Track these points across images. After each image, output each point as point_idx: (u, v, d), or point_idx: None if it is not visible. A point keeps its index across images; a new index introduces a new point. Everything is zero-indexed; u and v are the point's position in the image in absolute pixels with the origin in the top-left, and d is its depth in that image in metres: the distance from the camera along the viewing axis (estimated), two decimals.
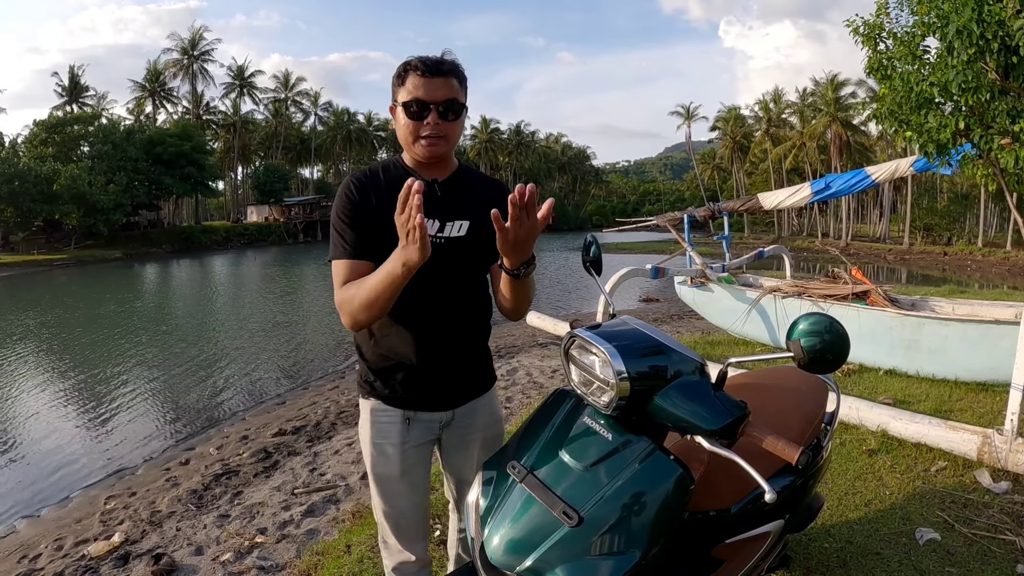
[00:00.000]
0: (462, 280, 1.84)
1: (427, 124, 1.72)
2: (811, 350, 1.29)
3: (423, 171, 1.81)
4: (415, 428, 1.87)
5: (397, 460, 1.87)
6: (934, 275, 29.43)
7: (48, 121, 47.43)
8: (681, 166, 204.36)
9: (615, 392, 1.40)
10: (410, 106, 1.71)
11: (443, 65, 1.72)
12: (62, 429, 7.90)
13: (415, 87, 1.70)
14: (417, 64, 1.71)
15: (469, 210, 1.82)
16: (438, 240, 1.77)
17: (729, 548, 1.81)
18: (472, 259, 1.83)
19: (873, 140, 50.06)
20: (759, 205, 9.04)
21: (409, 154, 1.83)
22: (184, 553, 4.04)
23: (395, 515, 1.92)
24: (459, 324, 1.85)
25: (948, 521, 3.07)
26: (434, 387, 1.86)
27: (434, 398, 1.87)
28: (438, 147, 1.75)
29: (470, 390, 1.93)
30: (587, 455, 1.44)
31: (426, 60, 1.72)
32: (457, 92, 1.74)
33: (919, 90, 4.44)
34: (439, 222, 1.78)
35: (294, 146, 72.28)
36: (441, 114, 1.72)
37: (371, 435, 1.89)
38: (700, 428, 1.37)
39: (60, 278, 29.80)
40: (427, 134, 1.73)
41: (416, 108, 1.71)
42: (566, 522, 1.34)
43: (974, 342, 5.53)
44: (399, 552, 1.95)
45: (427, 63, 1.71)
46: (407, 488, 1.90)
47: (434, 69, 1.70)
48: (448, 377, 1.87)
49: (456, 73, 1.74)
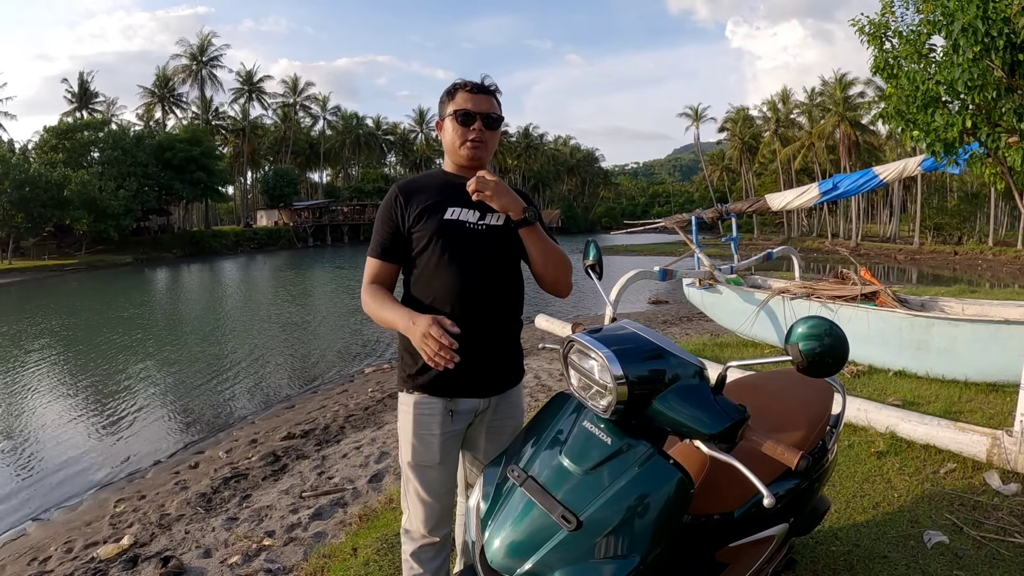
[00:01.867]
0: (502, 265, 2.04)
1: (473, 130, 2.02)
2: (810, 354, 1.29)
3: (465, 174, 2.04)
4: (457, 418, 2.02)
5: (437, 449, 2.01)
6: (944, 275, 29.22)
7: (58, 127, 47.82)
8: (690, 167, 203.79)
9: (613, 396, 1.40)
10: (459, 115, 2.01)
11: (488, 85, 2.07)
12: (74, 432, 7.96)
13: (464, 100, 2.03)
14: (466, 83, 2.05)
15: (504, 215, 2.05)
16: (480, 227, 2.02)
17: (733, 551, 1.80)
18: (509, 244, 2.04)
19: (882, 140, 49.75)
20: (767, 206, 9.00)
21: (453, 160, 2.10)
22: (192, 556, 4.06)
23: (431, 500, 2.05)
24: (498, 311, 2.03)
25: (957, 523, 3.05)
26: (476, 373, 1.99)
27: (475, 384, 2.02)
28: (480, 150, 2.05)
29: (506, 379, 2.10)
30: (586, 459, 1.44)
31: (472, 82, 2.06)
32: (497, 108, 2.08)
33: (925, 88, 4.40)
34: (479, 212, 2.02)
35: (303, 150, 72.55)
36: (485, 123, 2.03)
37: (413, 427, 2.03)
38: (699, 432, 1.37)
39: (71, 283, 30.00)
40: (472, 138, 2.02)
41: (464, 117, 2.01)
42: (564, 526, 1.34)
43: (984, 342, 5.49)
44: (422, 537, 2.08)
45: (474, 83, 2.05)
46: (443, 475, 2.05)
47: (480, 87, 2.05)
48: (488, 364, 2.02)
49: (496, 91, 2.10)
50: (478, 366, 1.98)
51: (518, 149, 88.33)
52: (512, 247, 2.05)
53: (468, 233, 1.99)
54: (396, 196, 2.04)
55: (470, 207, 2.01)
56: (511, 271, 2.07)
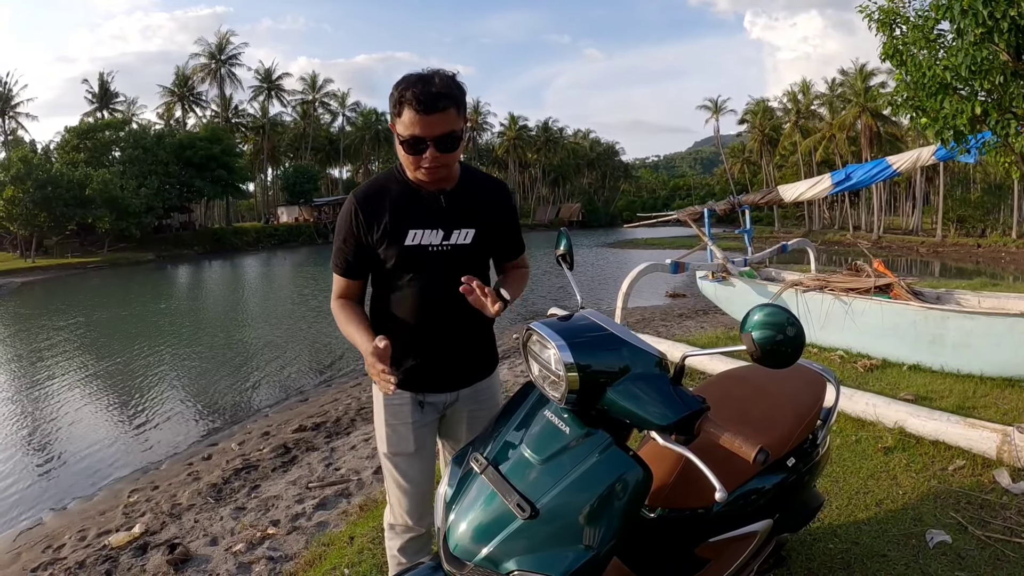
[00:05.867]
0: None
1: (425, 159, 1.74)
2: (765, 343, 1.25)
3: (426, 187, 1.86)
4: (426, 409, 2.02)
5: (411, 438, 2.01)
6: (967, 268, 28.69)
7: (79, 127, 48.50)
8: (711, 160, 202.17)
9: (566, 385, 1.39)
10: (407, 142, 1.72)
11: (439, 101, 1.67)
12: (93, 425, 8.10)
13: (411, 123, 1.68)
14: (411, 99, 1.66)
15: (474, 218, 1.92)
16: (444, 248, 1.88)
17: (714, 547, 1.78)
18: (475, 263, 1.96)
19: (904, 130, 48.91)
20: (779, 198, 8.90)
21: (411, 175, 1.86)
22: (199, 543, 4.17)
23: (411, 488, 2.03)
24: (462, 318, 1.93)
25: (962, 523, 2.97)
26: (440, 373, 2.00)
27: (441, 382, 2.01)
28: (438, 174, 1.80)
29: (474, 373, 2.07)
30: (545, 448, 1.44)
31: (420, 95, 1.66)
32: (455, 122, 1.72)
33: (932, 75, 4.29)
34: (443, 231, 1.87)
35: (323, 147, 72.94)
36: (439, 148, 1.72)
37: (385, 416, 2.03)
38: (653, 423, 1.35)
39: (93, 280, 30.46)
40: (426, 167, 1.76)
41: (413, 143, 1.72)
42: (519, 514, 1.34)
43: (1000, 336, 5.36)
44: (406, 530, 2.06)
45: (422, 99, 1.65)
46: (420, 462, 2.05)
47: (430, 106, 1.66)
48: (452, 364, 2.01)
49: (452, 100, 1.70)
50: (444, 363, 1.99)
51: (538, 143, 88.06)
52: (478, 261, 1.97)
53: (430, 256, 1.88)
54: (355, 211, 1.88)
55: (432, 226, 1.87)
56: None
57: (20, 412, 8.81)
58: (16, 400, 9.40)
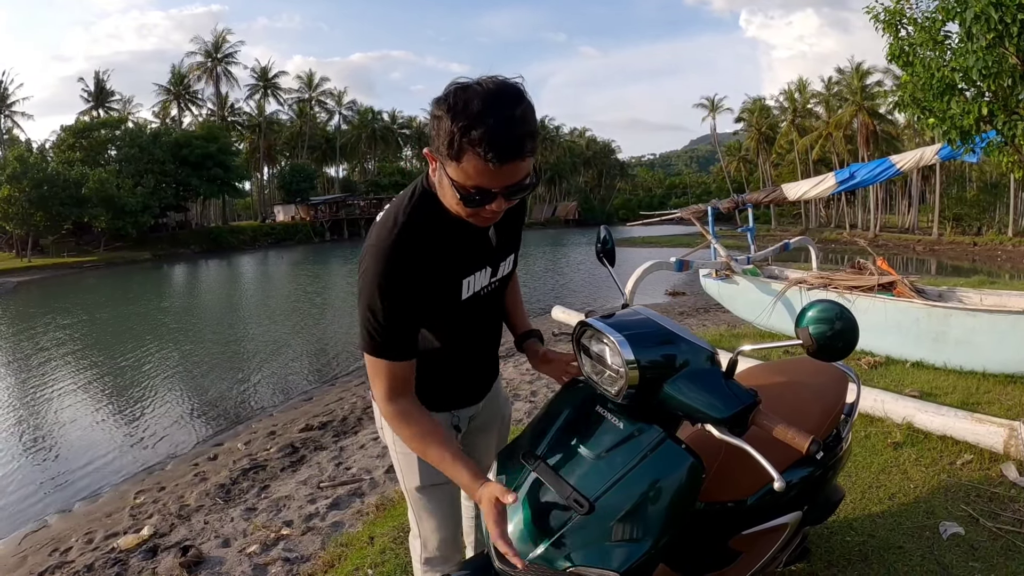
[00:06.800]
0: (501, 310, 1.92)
1: (489, 209, 1.36)
2: (821, 337, 1.29)
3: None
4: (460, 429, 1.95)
5: None
6: (964, 266, 28.84)
7: (75, 126, 48.38)
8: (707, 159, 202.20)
9: (625, 380, 1.41)
10: (468, 192, 1.31)
11: (524, 146, 1.25)
12: (94, 426, 8.10)
13: (479, 172, 1.26)
14: (486, 147, 1.21)
15: (513, 239, 1.76)
16: (492, 286, 1.69)
17: (746, 539, 1.81)
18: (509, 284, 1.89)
19: (901, 129, 49.09)
20: (783, 196, 8.94)
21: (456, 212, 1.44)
22: (211, 545, 4.15)
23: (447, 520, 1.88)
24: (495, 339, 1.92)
25: (973, 515, 3.02)
26: (471, 390, 1.93)
27: (472, 396, 1.93)
28: (497, 219, 1.45)
29: (492, 379, 2.01)
30: (599, 444, 1.45)
31: (498, 142, 1.21)
32: (531, 166, 1.32)
33: (940, 76, 4.35)
34: (491, 268, 1.65)
35: (319, 145, 72.76)
36: (509, 196, 1.35)
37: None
38: (710, 416, 1.38)
39: (89, 280, 30.41)
40: (487, 216, 1.40)
41: (479, 196, 1.32)
42: (577, 509, 1.35)
43: (1003, 333, 5.42)
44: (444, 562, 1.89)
45: (500, 147, 1.21)
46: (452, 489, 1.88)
47: (511, 154, 1.23)
48: (483, 377, 1.95)
49: (534, 139, 1.29)
50: (477, 381, 1.93)
51: None
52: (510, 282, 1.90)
53: (482, 300, 1.67)
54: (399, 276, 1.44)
55: (481, 266, 1.61)
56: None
57: (19, 412, 8.80)
58: (14, 400, 9.39)
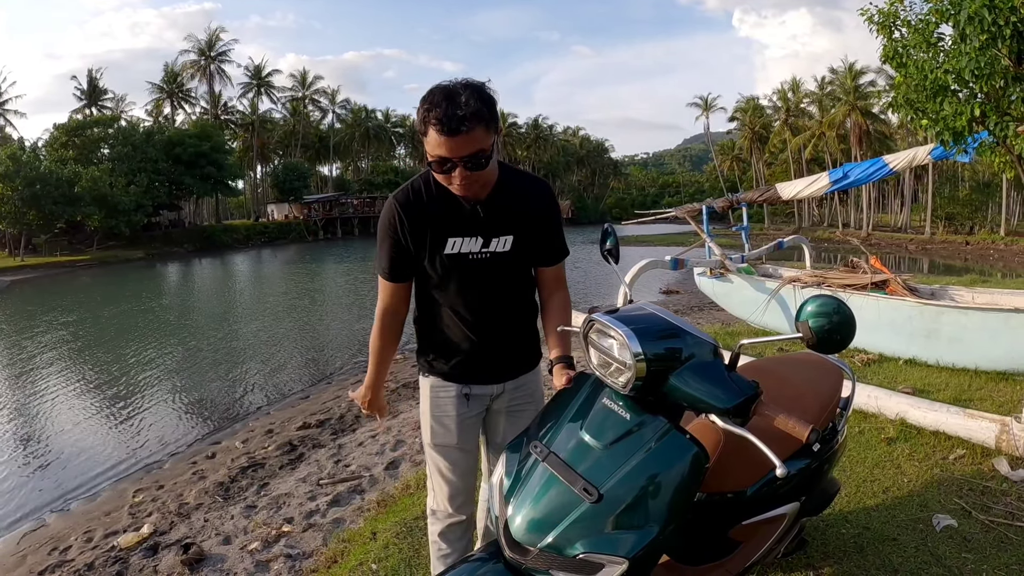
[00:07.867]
0: (507, 284, 2.00)
1: (454, 177, 1.71)
2: (819, 330, 1.37)
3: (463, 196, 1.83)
4: (472, 402, 2.07)
5: (455, 430, 2.06)
6: (956, 265, 29.04)
7: (68, 124, 48.00)
8: (700, 158, 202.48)
9: (632, 373, 1.45)
10: (435, 162, 1.71)
11: (463, 123, 1.62)
12: (91, 425, 8.08)
13: (437, 144, 1.65)
14: (435, 121, 1.63)
15: (513, 224, 1.91)
16: (483, 256, 1.89)
17: (746, 529, 1.86)
18: (516, 270, 1.98)
19: (893, 128, 49.34)
20: (777, 195, 9.01)
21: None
22: (212, 543, 4.15)
23: (454, 479, 2.10)
24: (505, 315, 2.02)
25: (965, 508, 3.09)
26: (485, 366, 2.04)
27: (486, 374, 2.05)
28: (471, 190, 1.77)
29: (519, 366, 2.12)
30: (606, 434, 1.50)
31: (443, 117, 1.62)
32: (483, 140, 1.67)
33: (933, 77, 4.41)
34: (482, 239, 1.88)
35: (313, 144, 72.48)
36: (468, 167, 1.69)
37: (431, 409, 2.09)
38: (714, 407, 1.43)
39: (83, 279, 30.26)
40: (457, 184, 1.73)
41: (440, 163, 1.70)
42: (586, 498, 1.39)
43: (994, 331, 5.50)
44: (448, 516, 2.14)
45: (445, 121, 1.62)
46: (462, 455, 2.10)
47: (454, 128, 1.62)
48: (497, 356, 2.05)
49: (479, 119, 1.64)
50: (489, 356, 2.03)
51: (528, 140, 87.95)
52: (518, 268, 1.99)
53: (470, 264, 1.90)
54: (397, 215, 1.88)
55: (472, 233, 1.88)
56: (518, 284, 2.03)
57: (13, 412, 8.78)
58: (9, 400, 9.37)
